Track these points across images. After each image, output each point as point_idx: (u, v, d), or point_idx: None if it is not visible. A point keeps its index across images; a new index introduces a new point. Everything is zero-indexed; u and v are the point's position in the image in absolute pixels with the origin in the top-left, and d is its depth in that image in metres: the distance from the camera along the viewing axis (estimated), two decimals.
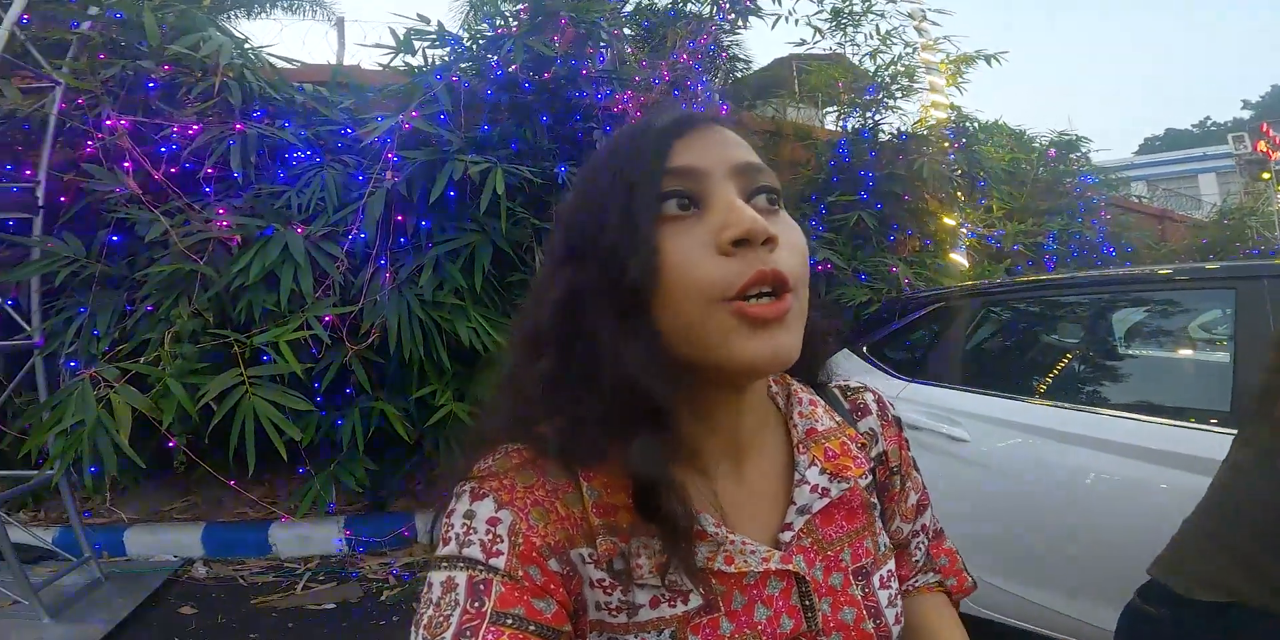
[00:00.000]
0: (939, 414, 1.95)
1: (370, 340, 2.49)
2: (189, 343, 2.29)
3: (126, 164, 2.44)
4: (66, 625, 2.22)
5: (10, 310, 2.48)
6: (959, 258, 4.10)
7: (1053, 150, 5.98)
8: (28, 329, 2.46)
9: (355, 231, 2.50)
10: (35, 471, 2.46)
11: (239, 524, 3.00)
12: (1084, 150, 6.10)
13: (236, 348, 2.32)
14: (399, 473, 2.99)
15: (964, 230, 4.23)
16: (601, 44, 3.30)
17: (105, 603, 2.39)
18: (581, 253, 0.45)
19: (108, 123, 2.43)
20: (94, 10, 2.64)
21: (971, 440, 1.86)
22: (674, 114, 0.46)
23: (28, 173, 2.49)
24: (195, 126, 2.56)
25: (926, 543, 0.64)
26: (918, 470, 0.63)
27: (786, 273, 0.41)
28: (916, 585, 0.64)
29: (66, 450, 2.15)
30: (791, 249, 0.44)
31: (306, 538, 2.88)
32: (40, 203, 2.45)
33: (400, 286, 2.56)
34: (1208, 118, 41.15)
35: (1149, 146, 35.62)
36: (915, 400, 2.03)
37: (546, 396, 0.45)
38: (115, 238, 2.51)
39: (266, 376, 2.32)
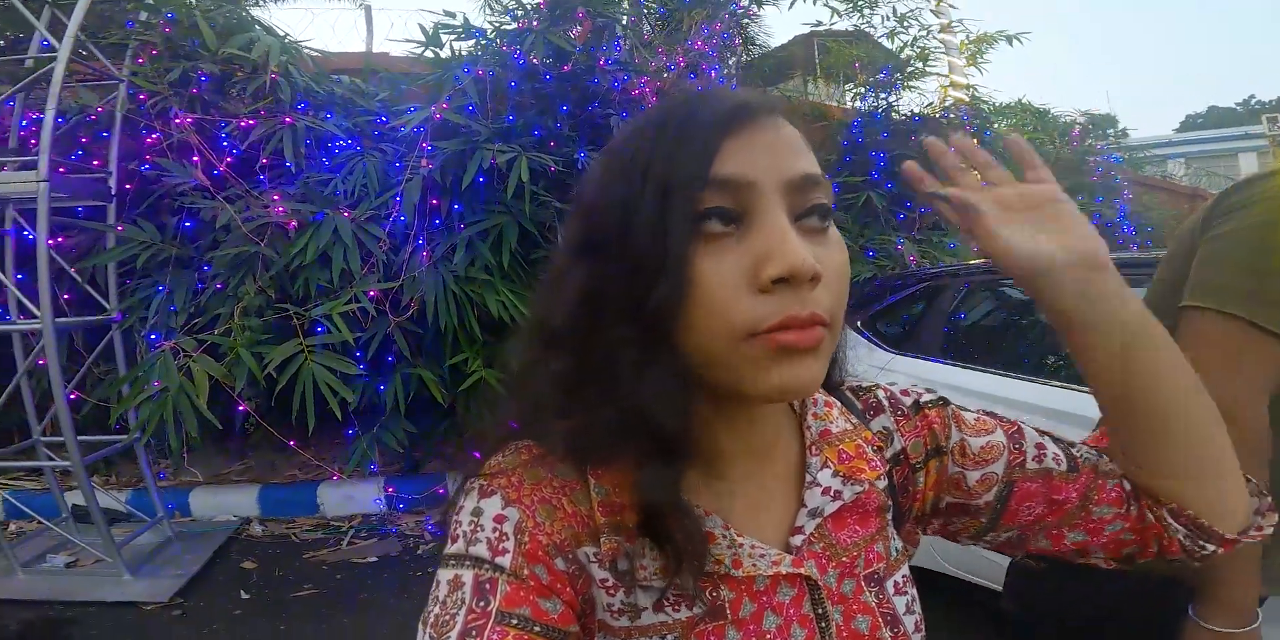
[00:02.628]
0: (920, 384, 2.08)
1: (410, 312, 2.65)
2: (255, 316, 2.50)
3: (195, 158, 2.64)
4: (146, 580, 2.41)
5: (90, 289, 2.68)
6: None
7: (1076, 129, 5.94)
8: (106, 306, 2.67)
9: (395, 215, 2.66)
10: (113, 437, 2.62)
11: (290, 485, 3.22)
12: (1118, 128, 6.02)
13: (296, 320, 2.53)
14: (434, 435, 3.16)
15: None
16: (618, 35, 3.41)
17: (177, 559, 2.58)
18: (602, 249, 0.40)
19: (176, 121, 2.63)
20: (144, 16, 2.79)
21: None
22: (728, 102, 0.40)
23: (95, 163, 2.66)
24: (250, 120, 2.75)
25: (1067, 443, 0.54)
26: (989, 413, 0.57)
27: (824, 314, 0.38)
28: (1112, 488, 0.51)
29: (152, 415, 2.36)
30: (833, 280, 0.40)
31: (350, 497, 3.10)
32: (113, 191, 2.64)
33: (436, 264, 2.71)
34: (1252, 96, 38.73)
35: (1190, 124, 34.30)
36: (899, 372, 2.15)
37: (560, 398, 0.43)
38: (188, 223, 2.72)
39: (321, 345, 2.53)
